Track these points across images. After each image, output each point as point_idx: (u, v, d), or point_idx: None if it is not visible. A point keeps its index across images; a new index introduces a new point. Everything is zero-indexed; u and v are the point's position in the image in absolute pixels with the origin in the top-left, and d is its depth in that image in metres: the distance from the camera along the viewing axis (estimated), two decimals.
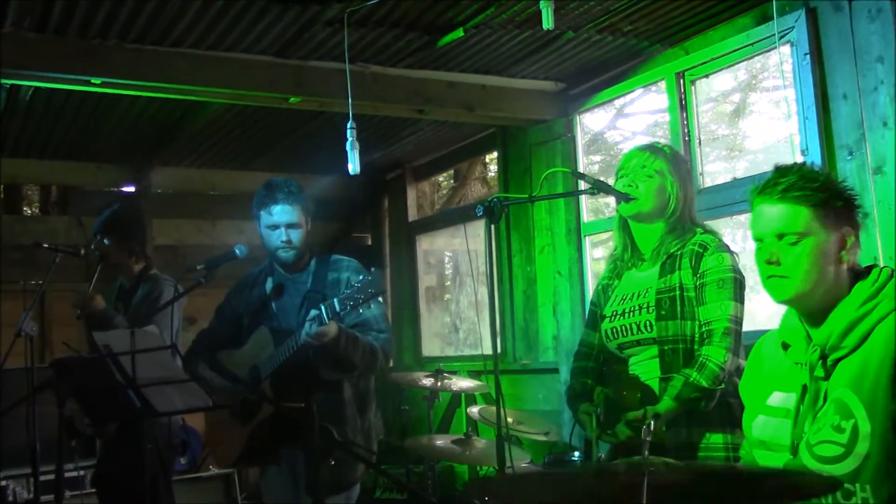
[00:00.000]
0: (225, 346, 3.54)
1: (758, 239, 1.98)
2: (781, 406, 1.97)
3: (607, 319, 2.87)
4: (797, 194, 1.91)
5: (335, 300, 3.02)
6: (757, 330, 2.88)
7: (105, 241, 4.19)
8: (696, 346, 2.67)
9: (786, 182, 1.93)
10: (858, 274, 1.93)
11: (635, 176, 2.80)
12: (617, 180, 2.85)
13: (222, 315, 3.66)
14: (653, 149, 2.86)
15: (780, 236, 1.93)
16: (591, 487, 1.65)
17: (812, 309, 1.95)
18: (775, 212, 1.94)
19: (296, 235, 3.40)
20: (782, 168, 1.98)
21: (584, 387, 2.90)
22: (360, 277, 3.08)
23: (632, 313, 2.79)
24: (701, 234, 2.77)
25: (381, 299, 3.26)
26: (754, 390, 2.09)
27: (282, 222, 3.38)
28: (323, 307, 3.05)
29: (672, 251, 2.76)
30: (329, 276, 3.43)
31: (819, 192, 1.91)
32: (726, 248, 2.73)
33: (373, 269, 3.07)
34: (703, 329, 2.66)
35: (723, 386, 2.60)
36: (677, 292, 2.71)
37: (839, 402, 1.83)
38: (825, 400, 1.86)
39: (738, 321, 2.66)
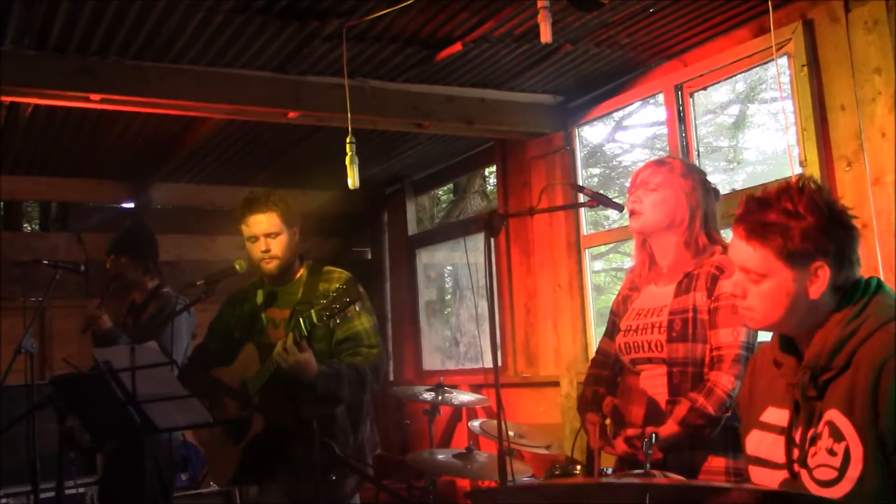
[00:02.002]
0: (218, 362, 3.53)
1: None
2: (775, 423, 1.94)
3: (622, 333, 2.85)
4: (758, 239, 1.86)
5: (312, 312, 3.01)
6: None
7: (122, 259, 4.21)
8: (705, 370, 2.64)
9: (751, 221, 1.88)
10: (846, 291, 1.86)
11: (641, 189, 2.79)
12: (629, 194, 2.84)
13: (214, 331, 3.65)
14: (659, 162, 2.85)
15: (745, 272, 1.90)
16: (593, 499, 1.64)
17: (793, 334, 1.91)
18: (740, 247, 1.90)
19: (275, 244, 3.34)
20: (760, 199, 1.89)
21: (595, 395, 2.88)
22: (337, 287, 3.07)
23: (644, 331, 2.76)
24: (721, 254, 2.72)
25: (373, 311, 3.25)
26: (749, 404, 2.06)
27: (259, 232, 3.34)
28: (301, 319, 3.04)
29: (689, 270, 2.73)
30: (320, 286, 3.37)
31: (784, 234, 1.83)
32: None
33: (347, 278, 3.05)
34: (714, 353, 2.63)
35: (729, 413, 2.57)
36: (690, 314, 2.67)
37: (831, 424, 1.80)
38: (819, 420, 1.83)
39: (750, 348, 2.62)
